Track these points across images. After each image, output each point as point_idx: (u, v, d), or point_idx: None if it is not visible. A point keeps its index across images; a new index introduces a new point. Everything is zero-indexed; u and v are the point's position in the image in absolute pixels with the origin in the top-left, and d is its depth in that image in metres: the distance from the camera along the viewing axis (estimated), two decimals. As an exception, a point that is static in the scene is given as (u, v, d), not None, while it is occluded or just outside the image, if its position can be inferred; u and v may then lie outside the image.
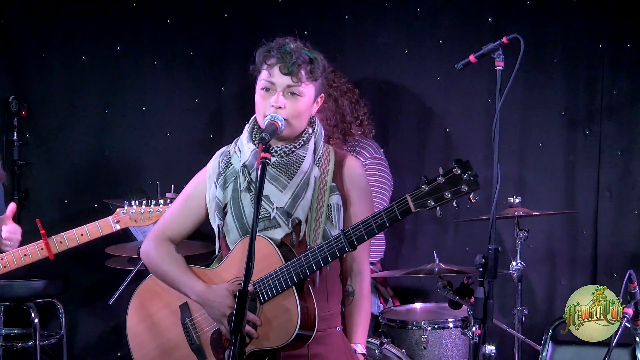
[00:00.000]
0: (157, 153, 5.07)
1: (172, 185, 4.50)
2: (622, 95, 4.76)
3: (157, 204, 3.55)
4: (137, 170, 5.06)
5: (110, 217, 3.51)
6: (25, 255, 3.47)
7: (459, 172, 2.63)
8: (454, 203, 2.66)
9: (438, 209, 2.68)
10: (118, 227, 3.52)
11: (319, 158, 2.99)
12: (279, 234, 2.93)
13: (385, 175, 4.43)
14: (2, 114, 4.93)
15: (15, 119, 4.94)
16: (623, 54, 4.74)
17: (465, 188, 2.63)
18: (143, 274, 4.15)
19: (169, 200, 3.58)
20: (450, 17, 4.88)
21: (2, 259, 3.47)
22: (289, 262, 2.82)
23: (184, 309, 3.04)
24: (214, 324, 2.96)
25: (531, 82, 4.76)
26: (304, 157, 2.96)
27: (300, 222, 2.93)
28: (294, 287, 2.81)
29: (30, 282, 3.86)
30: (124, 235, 4.82)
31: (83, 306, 5.12)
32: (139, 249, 4.24)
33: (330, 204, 2.93)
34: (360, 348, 2.98)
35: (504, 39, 3.11)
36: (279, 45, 2.95)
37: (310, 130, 3.01)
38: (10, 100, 4.92)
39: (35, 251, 3.47)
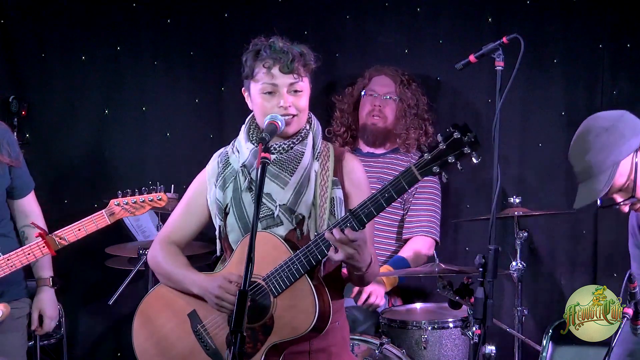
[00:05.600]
0: (157, 153, 5.06)
1: (172, 186, 4.49)
2: (622, 95, 4.76)
3: (150, 192, 3.61)
4: (137, 170, 5.05)
5: (103, 210, 3.59)
6: (29, 254, 3.58)
7: (459, 135, 2.66)
8: (459, 166, 2.67)
9: (444, 174, 2.69)
10: (112, 219, 3.60)
11: (319, 153, 3.00)
12: (282, 231, 2.94)
13: (439, 194, 4.52)
14: (2, 114, 4.92)
15: (15, 119, 4.94)
16: (623, 54, 4.74)
17: (467, 150, 2.65)
18: (143, 274, 4.16)
19: (162, 187, 3.64)
20: (450, 17, 4.88)
21: (8, 259, 3.58)
22: (298, 251, 2.82)
23: (193, 316, 3.03)
24: (226, 326, 2.96)
25: (531, 82, 4.76)
26: (303, 152, 2.97)
27: (303, 217, 2.93)
28: (306, 275, 2.82)
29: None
30: (124, 236, 4.83)
31: (83, 306, 5.12)
32: (139, 249, 4.29)
33: (334, 197, 2.93)
34: (372, 257, 2.89)
35: (504, 39, 3.11)
36: (267, 45, 2.94)
37: (307, 126, 3.02)
38: (10, 100, 4.91)
39: (37, 250, 3.58)
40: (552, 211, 4.61)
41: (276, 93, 2.94)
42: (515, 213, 4.24)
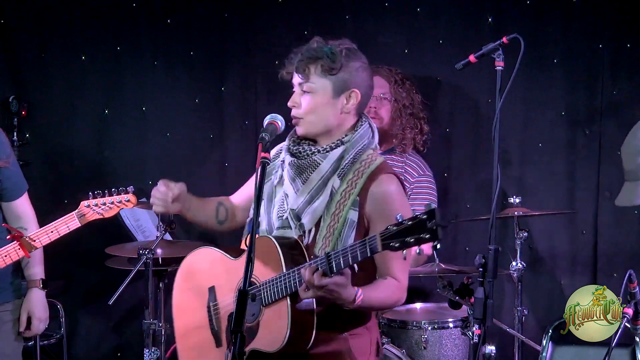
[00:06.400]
0: (157, 153, 5.06)
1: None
2: (622, 95, 4.76)
3: (119, 193, 3.58)
4: (137, 170, 5.05)
5: (74, 212, 3.57)
6: (5, 256, 3.57)
7: (424, 218, 2.54)
8: (417, 250, 2.55)
9: (404, 251, 2.57)
10: (82, 221, 3.58)
11: (344, 170, 2.90)
12: (293, 233, 2.93)
13: (435, 194, 4.47)
14: (2, 114, 4.92)
15: (15, 119, 4.94)
16: (623, 54, 4.74)
17: (427, 236, 2.53)
18: (143, 273, 4.15)
19: (132, 188, 3.63)
20: (450, 17, 4.88)
21: None
22: (287, 272, 2.79)
23: (211, 292, 3.05)
24: (231, 312, 2.94)
25: (531, 82, 4.76)
26: (319, 164, 2.92)
27: (309, 229, 2.91)
28: (288, 297, 2.78)
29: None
30: (124, 235, 4.83)
31: (83, 306, 5.12)
32: (139, 249, 4.27)
33: (347, 219, 2.86)
34: (359, 294, 2.76)
35: (504, 39, 3.11)
36: (304, 47, 2.97)
37: (345, 138, 2.94)
38: (10, 100, 4.91)
39: (13, 251, 3.57)
40: (552, 211, 4.62)
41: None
42: (515, 213, 4.24)
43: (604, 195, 4.76)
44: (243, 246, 3.04)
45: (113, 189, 3.59)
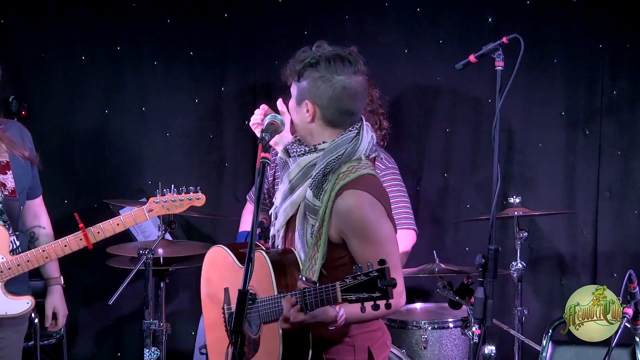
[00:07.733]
0: (157, 153, 5.06)
1: (172, 186, 4.50)
2: (622, 95, 4.77)
3: (188, 192, 3.65)
4: (137, 170, 5.05)
5: (144, 207, 3.63)
6: (65, 245, 3.60)
7: (376, 275, 2.51)
8: (369, 307, 2.52)
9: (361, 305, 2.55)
10: (150, 215, 3.64)
11: (316, 180, 2.83)
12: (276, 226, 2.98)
13: (402, 183, 4.40)
14: (2, 114, 4.91)
15: (15, 119, 4.93)
16: (623, 54, 4.74)
17: (377, 294, 2.51)
18: (143, 273, 4.15)
19: (199, 188, 3.68)
20: (450, 17, 4.88)
21: (43, 250, 3.59)
22: (277, 296, 2.77)
23: (226, 293, 3.04)
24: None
25: (531, 82, 4.76)
26: (290, 167, 2.93)
27: (277, 229, 2.95)
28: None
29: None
30: (125, 235, 4.82)
31: (83, 306, 5.12)
32: (139, 248, 4.28)
33: (326, 235, 2.81)
34: (340, 314, 2.71)
35: (504, 39, 3.12)
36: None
37: (320, 145, 2.87)
38: (10, 100, 4.90)
39: (74, 242, 3.60)
40: (552, 211, 4.62)
41: None
42: (515, 213, 4.24)
43: (604, 195, 4.77)
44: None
45: (181, 187, 3.67)
